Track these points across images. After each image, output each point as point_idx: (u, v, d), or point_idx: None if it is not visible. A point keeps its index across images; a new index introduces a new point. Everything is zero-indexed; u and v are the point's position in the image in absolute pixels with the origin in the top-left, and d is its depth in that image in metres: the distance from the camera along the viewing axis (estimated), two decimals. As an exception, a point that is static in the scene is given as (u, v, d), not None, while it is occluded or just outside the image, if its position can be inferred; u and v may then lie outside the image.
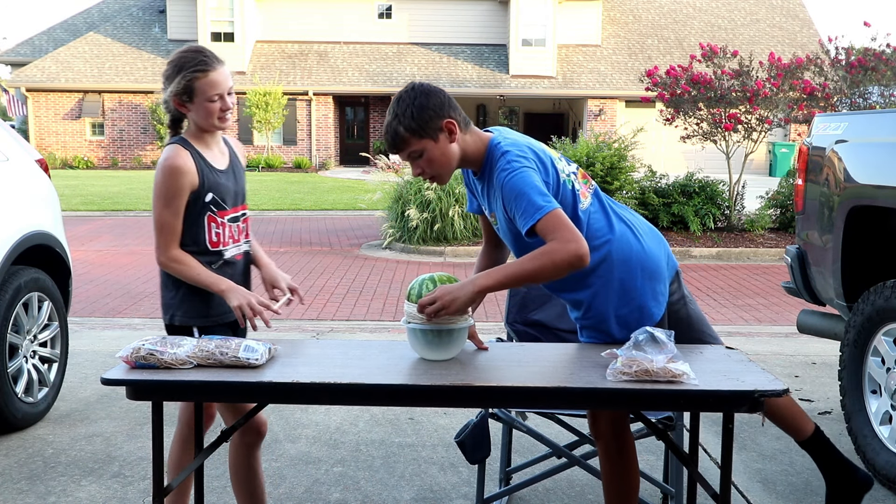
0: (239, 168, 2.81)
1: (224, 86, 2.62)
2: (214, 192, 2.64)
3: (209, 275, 2.60)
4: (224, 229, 2.68)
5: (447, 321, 2.34)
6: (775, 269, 10.10)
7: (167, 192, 2.57)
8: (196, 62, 2.57)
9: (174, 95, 2.58)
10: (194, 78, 2.56)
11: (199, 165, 2.61)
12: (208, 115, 2.60)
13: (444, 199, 10.98)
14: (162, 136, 27.03)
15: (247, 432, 2.75)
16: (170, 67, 2.60)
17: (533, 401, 2.35)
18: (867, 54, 11.52)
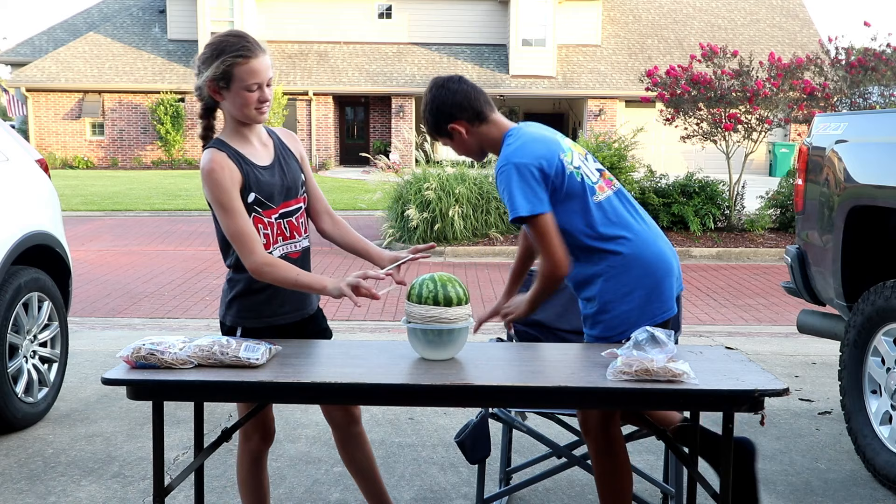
0: (287, 159, 2.62)
1: (264, 75, 2.45)
2: (257, 192, 2.50)
3: (305, 275, 2.48)
4: (272, 229, 2.55)
5: (447, 321, 2.34)
6: (775, 269, 10.10)
7: (221, 200, 2.44)
8: (238, 47, 2.42)
9: (210, 80, 2.44)
10: (234, 63, 2.41)
11: (239, 165, 2.48)
12: (244, 105, 2.46)
13: (444, 200, 10.99)
14: (162, 137, 27.05)
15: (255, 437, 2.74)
16: (208, 50, 2.46)
17: (533, 401, 2.35)
18: (867, 54, 11.52)
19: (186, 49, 28.33)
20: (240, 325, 2.62)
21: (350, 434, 2.80)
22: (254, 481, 2.77)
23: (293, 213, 2.61)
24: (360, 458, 2.82)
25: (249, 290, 2.57)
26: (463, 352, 2.46)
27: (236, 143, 2.53)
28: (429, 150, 11.77)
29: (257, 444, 2.75)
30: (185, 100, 27.51)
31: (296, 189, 2.62)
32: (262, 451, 2.77)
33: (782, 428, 4.33)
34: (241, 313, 2.61)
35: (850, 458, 3.89)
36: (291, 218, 2.60)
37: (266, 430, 2.74)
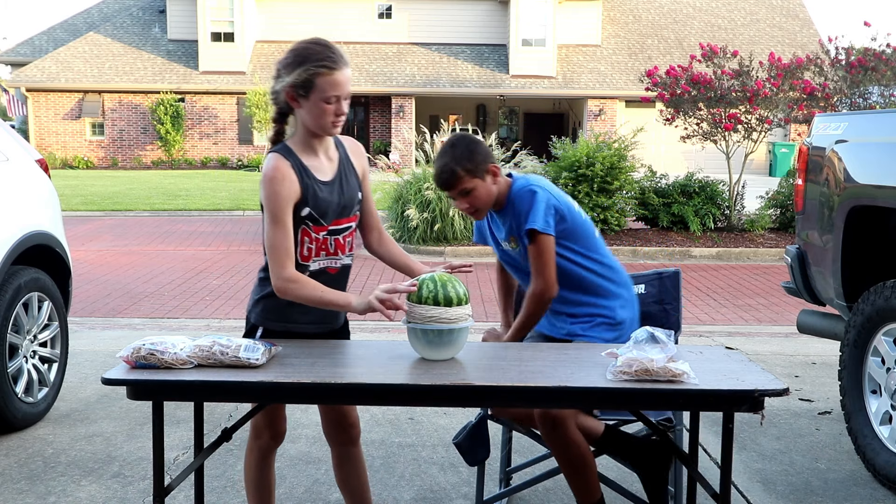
0: (348, 176, 2.59)
1: (344, 89, 2.41)
2: (312, 208, 2.47)
3: (330, 292, 2.45)
4: (317, 244, 2.53)
5: (448, 321, 2.34)
6: (775, 269, 10.10)
7: (276, 206, 2.41)
8: (323, 57, 2.38)
9: (290, 86, 2.40)
10: (318, 73, 2.37)
11: (300, 178, 2.45)
12: (320, 117, 2.41)
13: (444, 200, 10.98)
14: (162, 137, 27.05)
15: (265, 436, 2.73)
16: (291, 56, 2.42)
17: (533, 401, 2.35)
18: (867, 54, 11.52)
19: (186, 49, 28.33)
20: (262, 325, 2.63)
21: (347, 454, 2.80)
22: (261, 479, 2.77)
23: (342, 231, 2.58)
24: (353, 479, 2.82)
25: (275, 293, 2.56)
26: (463, 352, 2.46)
27: (303, 152, 2.50)
28: (429, 150, 11.77)
29: (267, 443, 2.74)
30: (185, 100, 27.51)
31: (350, 208, 2.59)
32: (270, 449, 2.76)
33: (782, 428, 4.33)
34: (266, 314, 2.61)
35: (850, 458, 3.89)
36: (339, 236, 2.58)
37: (277, 429, 2.73)
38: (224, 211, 15.50)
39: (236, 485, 3.53)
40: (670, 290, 3.23)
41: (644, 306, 3.16)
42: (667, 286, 3.24)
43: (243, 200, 16.86)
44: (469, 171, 2.81)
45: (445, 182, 2.84)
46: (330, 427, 2.78)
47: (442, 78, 27.43)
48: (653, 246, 11.08)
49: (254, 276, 2.85)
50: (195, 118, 27.76)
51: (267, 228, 2.45)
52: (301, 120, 2.47)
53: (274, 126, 2.54)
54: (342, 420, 2.76)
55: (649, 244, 11.15)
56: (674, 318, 3.21)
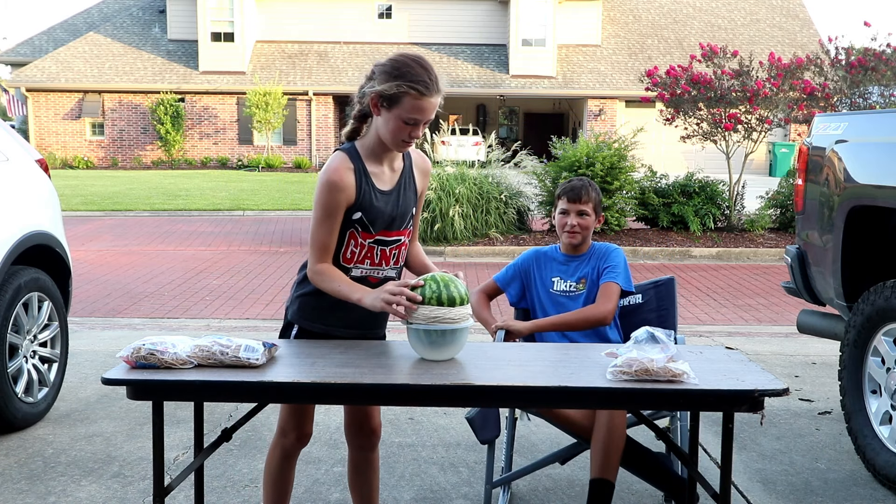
0: (406, 190, 2.59)
1: (427, 116, 2.43)
2: (365, 214, 2.49)
3: (348, 285, 2.48)
4: (362, 250, 2.55)
5: (451, 321, 2.34)
6: (775, 269, 10.10)
7: (324, 208, 2.46)
8: (419, 80, 2.39)
9: (377, 94, 2.40)
10: (407, 93, 2.38)
11: (359, 183, 2.47)
12: (395, 133, 2.43)
13: (445, 199, 10.99)
14: (162, 137, 27.06)
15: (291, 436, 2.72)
16: (389, 65, 2.42)
17: (533, 401, 2.35)
18: (867, 54, 11.52)
19: (186, 49, 28.33)
20: (297, 322, 2.64)
21: (365, 459, 2.80)
22: (281, 479, 2.76)
23: (390, 243, 2.58)
24: (365, 484, 2.82)
25: (317, 292, 2.56)
26: (463, 352, 2.46)
27: (368, 157, 2.52)
28: (429, 150, 11.77)
29: (292, 443, 2.73)
30: (185, 100, 27.52)
31: (401, 221, 2.58)
32: (295, 450, 2.75)
33: (782, 428, 4.33)
34: (301, 312, 2.63)
35: (850, 458, 3.89)
36: (386, 247, 2.58)
37: (304, 430, 2.72)
38: (224, 211, 15.50)
39: (236, 485, 3.53)
40: (665, 297, 3.39)
41: (642, 314, 3.35)
42: (662, 293, 3.40)
43: (243, 200, 16.86)
44: (597, 202, 3.29)
45: (581, 196, 3.25)
46: (352, 429, 2.79)
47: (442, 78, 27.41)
48: (653, 246, 11.08)
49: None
50: (195, 118, 27.77)
51: (314, 223, 2.50)
52: (376, 127, 2.48)
53: (353, 123, 2.56)
54: (364, 424, 2.76)
55: (649, 244, 11.15)
56: (670, 321, 3.34)
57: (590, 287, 3.24)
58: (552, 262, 3.34)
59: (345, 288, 2.47)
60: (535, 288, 3.34)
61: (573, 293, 3.26)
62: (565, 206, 3.27)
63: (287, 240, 12.14)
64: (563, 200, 3.29)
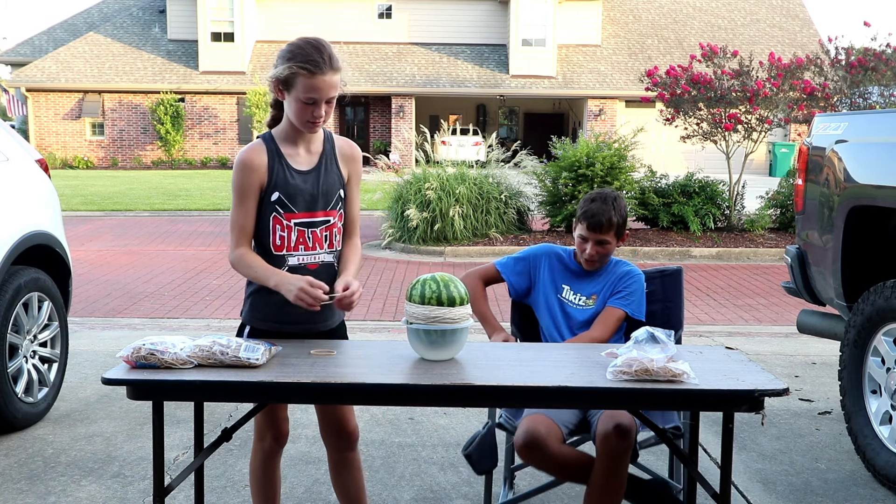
0: (327, 171, 2.61)
1: (323, 94, 2.44)
2: (281, 192, 2.53)
3: (265, 270, 2.50)
4: (290, 233, 2.55)
5: (451, 321, 2.34)
6: (775, 269, 10.10)
7: (237, 189, 2.53)
8: (308, 59, 2.41)
9: (275, 79, 2.48)
10: (298, 73, 2.42)
11: (271, 163, 2.52)
12: (297, 114, 2.49)
13: (445, 199, 10.99)
14: (162, 137, 27.07)
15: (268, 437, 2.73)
16: (285, 50, 2.48)
17: (533, 401, 2.35)
18: (867, 54, 11.52)
19: (186, 49, 28.33)
20: (249, 323, 2.65)
21: (345, 459, 2.79)
22: (265, 481, 2.77)
23: (318, 224, 2.59)
24: (350, 484, 2.80)
25: (263, 290, 2.57)
26: (463, 352, 2.46)
27: (283, 141, 2.58)
28: (429, 150, 11.77)
29: (270, 445, 2.74)
30: (184, 100, 27.52)
31: (325, 201, 2.59)
32: (274, 451, 2.76)
33: (782, 428, 4.33)
34: (252, 312, 2.64)
35: (850, 458, 3.89)
36: (315, 229, 2.58)
37: (279, 430, 2.73)
38: (224, 211, 15.49)
39: (236, 485, 3.53)
40: (672, 289, 3.24)
41: (647, 304, 3.16)
42: (668, 284, 3.25)
43: (243, 200, 16.84)
44: (620, 225, 3.08)
45: (603, 225, 3.04)
46: (328, 432, 2.77)
47: (442, 78, 27.43)
48: (653, 246, 11.08)
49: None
50: (195, 118, 27.77)
51: (232, 207, 2.57)
52: (286, 111, 2.55)
53: (271, 111, 2.64)
54: (341, 426, 2.74)
55: (649, 244, 11.15)
56: (676, 316, 3.21)
57: (600, 304, 3.11)
58: (566, 269, 3.19)
59: (261, 272, 2.51)
60: (543, 287, 3.19)
61: (582, 307, 3.12)
62: (584, 233, 3.06)
63: (287, 240, 12.13)
64: (583, 226, 3.07)
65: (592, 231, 3.04)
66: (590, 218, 3.04)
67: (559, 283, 3.17)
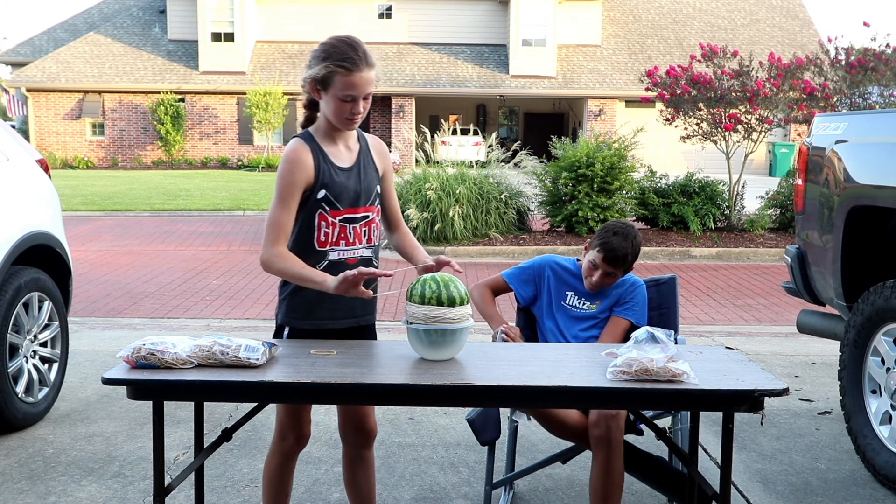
0: (366, 167, 2.66)
1: (361, 90, 2.48)
2: (328, 190, 2.55)
3: (309, 271, 2.49)
4: (334, 229, 2.58)
5: (451, 321, 2.34)
6: (775, 269, 10.10)
7: (284, 187, 2.51)
8: (344, 57, 2.45)
9: (311, 79, 2.51)
10: (335, 72, 2.45)
11: (317, 161, 2.54)
12: (336, 112, 2.51)
13: (445, 199, 10.99)
14: (162, 137, 27.06)
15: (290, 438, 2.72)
16: (320, 49, 2.51)
17: (533, 401, 2.36)
18: (867, 54, 11.52)
19: (186, 49, 28.33)
20: (288, 324, 2.65)
21: (360, 456, 2.80)
22: (280, 481, 2.77)
23: (359, 220, 2.62)
24: (362, 482, 2.82)
25: (300, 289, 2.58)
26: (463, 352, 2.46)
27: (323, 140, 2.59)
28: (429, 150, 11.77)
29: (291, 446, 2.74)
30: (185, 100, 27.52)
31: (366, 197, 2.64)
32: (294, 452, 2.76)
33: (782, 428, 4.33)
34: (290, 313, 2.64)
35: (850, 458, 3.89)
36: (356, 224, 2.62)
37: (301, 431, 2.73)
38: (224, 211, 15.50)
39: (236, 485, 3.53)
40: (667, 296, 3.36)
41: None
42: (663, 292, 3.37)
43: (243, 200, 16.86)
44: (629, 267, 3.20)
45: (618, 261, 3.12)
46: (347, 428, 2.79)
47: (442, 78, 27.43)
48: (653, 246, 11.08)
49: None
50: (195, 118, 27.77)
51: (272, 206, 2.54)
52: (322, 111, 2.57)
53: (304, 112, 2.65)
54: (361, 423, 2.76)
55: (649, 244, 11.15)
56: (672, 321, 3.31)
57: (602, 309, 3.21)
58: (571, 277, 3.28)
59: (307, 271, 2.50)
60: (547, 294, 3.28)
61: (584, 311, 3.22)
62: (598, 261, 3.14)
63: (287, 240, 12.13)
64: (599, 256, 3.15)
65: (607, 264, 3.13)
66: (608, 251, 3.11)
67: (563, 290, 3.26)
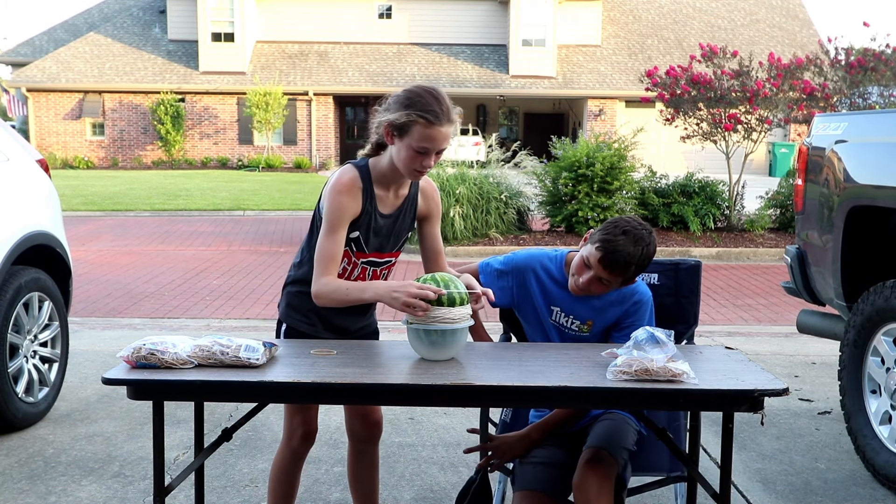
0: (405, 216, 2.62)
1: (437, 145, 2.44)
2: (362, 234, 2.55)
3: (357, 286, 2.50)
4: (355, 268, 2.60)
5: (451, 321, 2.34)
6: (775, 269, 10.10)
7: (336, 215, 2.48)
8: (429, 110, 2.41)
9: (389, 123, 2.44)
10: (417, 122, 2.40)
11: (364, 202, 2.51)
12: (405, 162, 2.46)
13: (445, 200, 10.99)
14: (162, 137, 27.07)
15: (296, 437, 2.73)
16: (403, 95, 2.46)
17: (533, 401, 2.35)
18: (867, 54, 11.53)
19: (187, 49, 28.34)
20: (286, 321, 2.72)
21: (365, 451, 2.82)
22: (289, 482, 2.77)
23: (381, 264, 2.65)
24: (366, 478, 2.84)
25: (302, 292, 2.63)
26: (463, 352, 2.46)
27: (378, 180, 2.55)
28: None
29: (298, 444, 2.74)
30: (185, 100, 27.52)
31: (394, 244, 2.64)
32: (303, 451, 2.77)
33: (782, 428, 4.33)
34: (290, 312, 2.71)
35: (849, 458, 3.89)
36: (378, 268, 2.64)
37: (310, 427, 2.74)
38: (224, 211, 15.50)
39: (236, 485, 3.53)
40: (687, 283, 3.01)
41: (657, 298, 2.86)
42: (684, 278, 3.01)
43: (243, 200, 16.86)
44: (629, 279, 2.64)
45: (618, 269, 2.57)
46: (353, 422, 2.80)
47: (442, 78, 27.42)
48: (653, 246, 11.08)
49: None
50: (195, 118, 27.77)
51: (323, 236, 2.51)
52: (391, 155, 2.51)
53: (370, 150, 2.60)
54: (367, 417, 2.78)
55: (649, 244, 11.16)
56: (691, 312, 3.00)
57: (596, 332, 2.74)
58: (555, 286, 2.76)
59: (356, 290, 2.48)
60: (531, 304, 2.79)
61: (575, 332, 2.75)
62: (592, 261, 2.58)
63: (287, 240, 12.14)
64: (596, 254, 2.57)
65: (603, 267, 2.57)
66: (609, 252, 2.55)
67: (549, 305, 2.77)
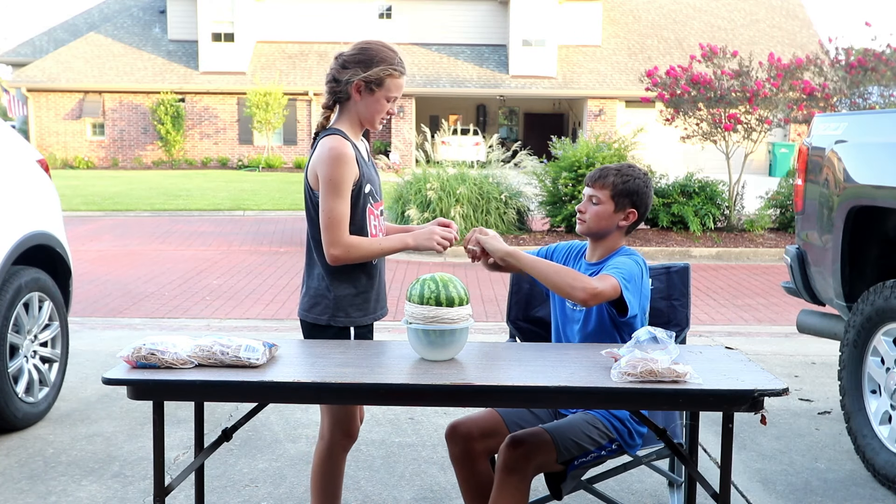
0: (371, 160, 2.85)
1: (401, 92, 2.73)
2: (371, 184, 2.71)
3: (388, 241, 2.68)
4: (379, 221, 2.76)
5: (450, 322, 2.35)
6: (775, 269, 10.10)
7: (340, 182, 2.59)
8: (396, 62, 2.68)
9: (363, 80, 2.64)
10: (390, 75, 2.66)
11: (357, 157, 2.66)
12: (377, 112, 2.69)
13: (445, 200, 10.99)
14: (162, 137, 27.07)
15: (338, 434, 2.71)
16: (364, 54, 2.67)
17: (533, 401, 2.36)
18: (867, 54, 11.53)
19: (187, 49, 28.34)
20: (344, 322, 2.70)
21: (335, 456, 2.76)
22: (334, 482, 2.75)
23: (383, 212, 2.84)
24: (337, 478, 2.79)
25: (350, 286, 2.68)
26: (463, 352, 2.46)
27: (352, 137, 2.71)
28: (429, 150, 11.78)
29: (340, 441, 2.73)
30: (185, 100, 27.52)
31: (380, 188, 2.82)
32: (346, 448, 2.75)
33: (782, 428, 4.33)
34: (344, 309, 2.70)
35: (849, 458, 3.89)
36: (382, 216, 2.82)
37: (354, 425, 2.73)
38: (224, 211, 15.50)
39: (236, 485, 3.53)
40: (678, 286, 3.11)
41: (651, 301, 2.92)
42: (675, 281, 3.11)
43: (243, 200, 16.86)
44: (623, 191, 2.72)
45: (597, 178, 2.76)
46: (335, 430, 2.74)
47: (442, 78, 27.43)
48: (653, 246, 11.08)
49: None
50: (195, 118, 27.77)
51: (329, 202, 2.59)
52: (354, 110, 2.70)
53: (325, 111, 2.78)
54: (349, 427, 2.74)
55: (649, 244, 11.16)
56: (682, 314, 3.10)
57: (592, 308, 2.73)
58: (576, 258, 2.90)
59: (387, 242, 2.67)
60: None
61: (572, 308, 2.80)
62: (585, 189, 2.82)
63: (287, 240, 12.14)
64: None
65: (588, 183, 2.80)
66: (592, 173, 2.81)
67: None
